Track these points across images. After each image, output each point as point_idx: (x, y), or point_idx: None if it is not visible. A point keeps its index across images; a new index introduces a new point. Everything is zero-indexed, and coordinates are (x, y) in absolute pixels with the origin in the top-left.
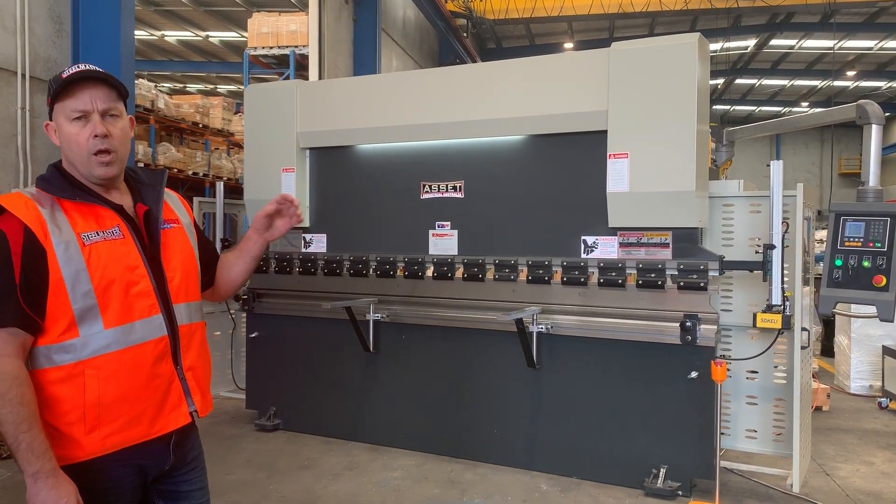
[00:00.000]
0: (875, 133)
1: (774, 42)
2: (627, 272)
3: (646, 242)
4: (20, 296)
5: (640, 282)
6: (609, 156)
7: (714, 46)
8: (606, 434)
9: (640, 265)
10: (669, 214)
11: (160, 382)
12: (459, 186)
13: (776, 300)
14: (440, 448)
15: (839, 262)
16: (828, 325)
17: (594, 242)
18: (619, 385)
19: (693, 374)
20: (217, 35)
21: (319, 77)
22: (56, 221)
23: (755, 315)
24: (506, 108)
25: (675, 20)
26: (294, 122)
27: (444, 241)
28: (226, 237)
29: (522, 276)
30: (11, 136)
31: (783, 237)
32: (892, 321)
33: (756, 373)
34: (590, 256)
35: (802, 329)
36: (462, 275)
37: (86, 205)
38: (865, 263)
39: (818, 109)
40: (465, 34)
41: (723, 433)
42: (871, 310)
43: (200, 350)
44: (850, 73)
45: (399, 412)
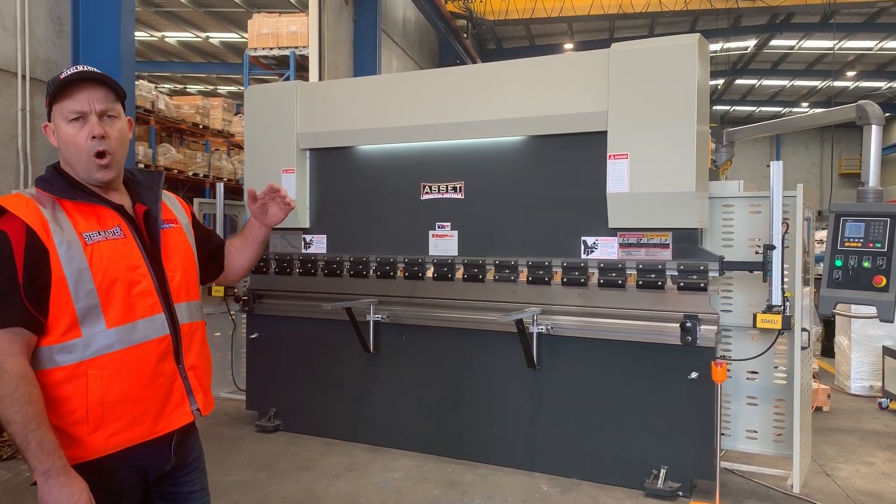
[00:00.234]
0: (875, 133)
1: (774, 42)
2: (627, 273)
3: (646, 243)
4: (24, 295)
5: (641, 282)
6: (609, 156)
7: (714, 47)
8: (607, 435)
9: (641, 266)
10: (669, 215)
11: (163, 381)
12: (459, 187)
13: (776, 301)
14: (440, 449)
15: (839, 263)
16: (828, 326)
17: (594, 243)
18: (620, 386)
19: (693, 375)
20: (217, 36)
21: (319, 78)
22: (58, 221)
23: (755, 315)
24: (506, 109)
25: (675, 21)
26: (294, 123)
27: (445, 242)
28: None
29: (522, 277)
30: (12, 138)
31: (783, 238)
32: (892, 321)
33: (756, 373)
34: (590, 257)
35: (802, 329)
36: (462, 275)
37: (87, 205)
38: (865, 264)
39: (818, 110)
40: (466, 35)
41: (723, 434)
42: (872, 310)
43: (201, 349)
44: (850, 74)
45: (399, 413)
